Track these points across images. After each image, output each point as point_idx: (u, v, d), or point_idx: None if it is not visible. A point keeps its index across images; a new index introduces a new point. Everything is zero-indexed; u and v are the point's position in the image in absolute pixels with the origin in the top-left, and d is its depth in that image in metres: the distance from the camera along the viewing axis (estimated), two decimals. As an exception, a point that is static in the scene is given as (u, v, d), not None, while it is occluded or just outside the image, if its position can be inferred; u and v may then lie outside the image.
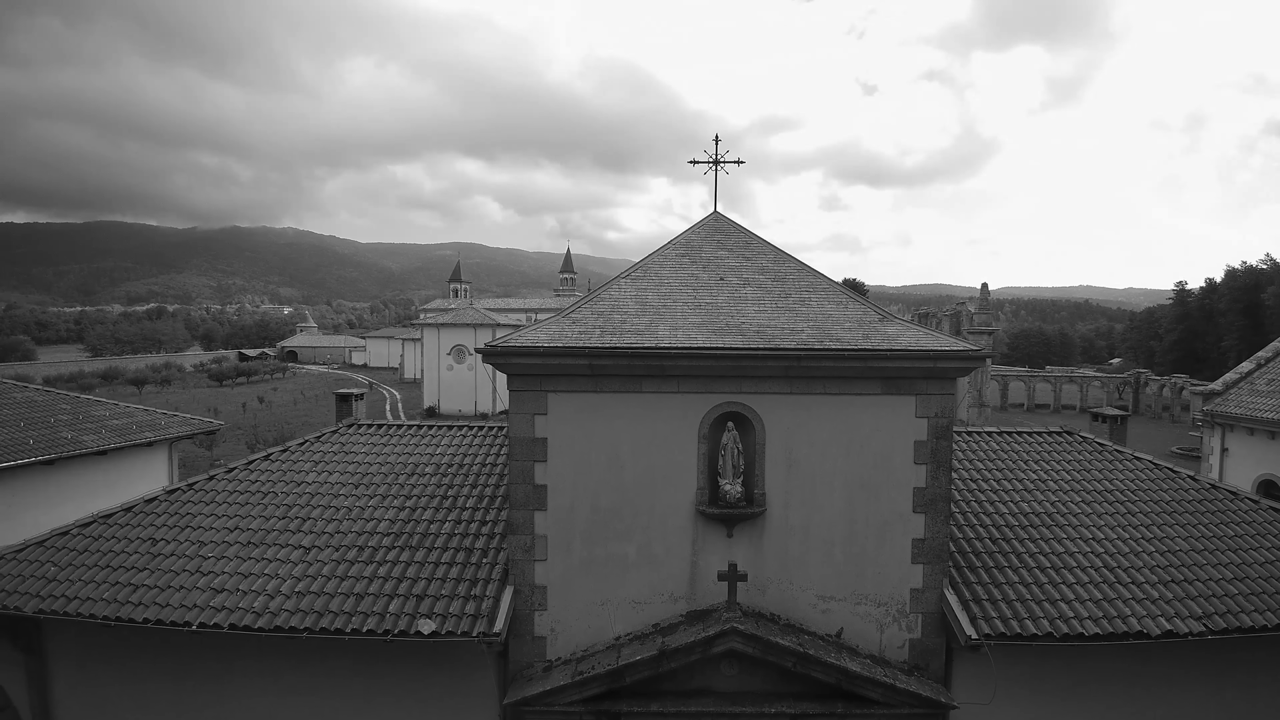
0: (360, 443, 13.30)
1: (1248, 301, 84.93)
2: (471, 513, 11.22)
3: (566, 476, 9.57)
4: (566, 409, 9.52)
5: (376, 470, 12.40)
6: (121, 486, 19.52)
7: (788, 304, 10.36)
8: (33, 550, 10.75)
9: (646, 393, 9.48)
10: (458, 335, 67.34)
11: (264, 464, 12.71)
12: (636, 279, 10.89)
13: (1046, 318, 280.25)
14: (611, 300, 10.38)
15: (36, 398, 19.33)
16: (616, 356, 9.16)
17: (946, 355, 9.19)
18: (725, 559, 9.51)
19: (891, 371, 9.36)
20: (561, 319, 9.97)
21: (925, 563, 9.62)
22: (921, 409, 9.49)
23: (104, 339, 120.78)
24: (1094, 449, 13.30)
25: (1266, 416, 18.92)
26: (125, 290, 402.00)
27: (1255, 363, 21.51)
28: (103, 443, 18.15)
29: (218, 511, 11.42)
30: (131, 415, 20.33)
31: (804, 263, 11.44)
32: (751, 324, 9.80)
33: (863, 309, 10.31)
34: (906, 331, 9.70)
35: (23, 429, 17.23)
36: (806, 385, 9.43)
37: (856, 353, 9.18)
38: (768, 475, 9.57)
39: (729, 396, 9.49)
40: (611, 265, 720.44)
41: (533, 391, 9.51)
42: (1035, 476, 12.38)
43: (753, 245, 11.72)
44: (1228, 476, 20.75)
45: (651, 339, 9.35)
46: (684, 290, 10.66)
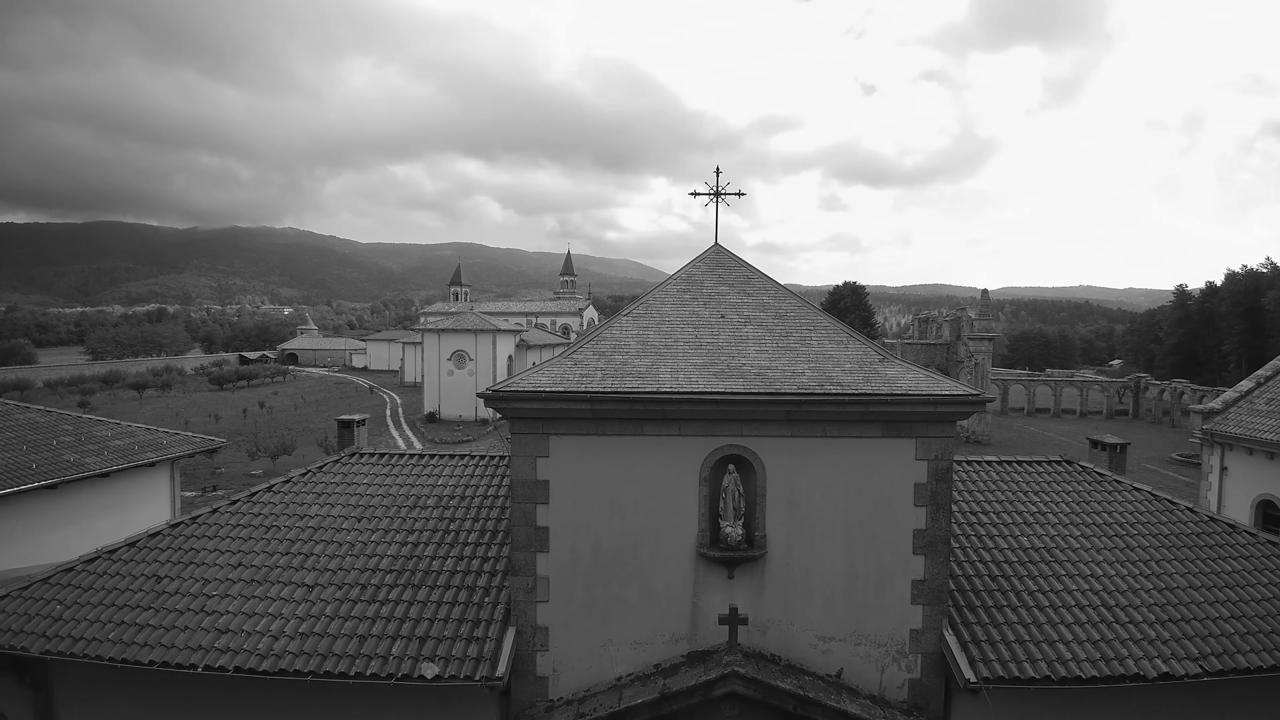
0: (362, 473, 13.36)
1: (1248, 305, 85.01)
2: (474, 549, 11.28)
3: (568, 518, 9.64)
4: (568, 451, 9.58)
5: (379, 503, 12.46)
6: (124, 507, 19.64)
7: (789, 343, 10.42)
8: (38, 588, 10.82)
9: (648, 435, 9.54)
10: (458, 341, 67.47)
11: (267, 495, 12.78)
12: (638, 316, 10.95)
13: (1046, 319, 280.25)
14: (613, 339, 10.44)
15: (38, 419, 19.38)
16: (618, 401, 9.23)
17: (946, 400, 9.25)
18: (726, 600, 9.57)
19: (891, 415, 9.42)
20: (563, 359, 10.03)
21: (925, 604, 9.69)
22: (921, 451, 9.55)
23: (104, 342, 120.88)
24: (1093, 479, 13.35)
25: (1266, 437, 18.97)
26: (125, 290, 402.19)
27: (1255, 381, 21.56)
28: (105, 464, 18.21)
29: (221, 547, 11.48)
30: (134, 435, 20.40)
31: (804, 299, 11.51)
32: (753, 366, 9.86)
33: (863, 349, 10.37)
34: (906, 374, 9.76)
35: (25, 452, 17.28)
36: (807, 428, 9.49)
37: (857, 397, 9.24)
38: (769, 517, 9.63)
39: (730, 439, 9.55)
40: (612, 265, 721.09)
41: (535, 434, 9.57)
42: (1034, 509, 12.43)
43: (754, 281, 11.78)
44: (1227, 495, 20.84)
45: (653, 383, 9.41)
46: (685, 328, 10.72)
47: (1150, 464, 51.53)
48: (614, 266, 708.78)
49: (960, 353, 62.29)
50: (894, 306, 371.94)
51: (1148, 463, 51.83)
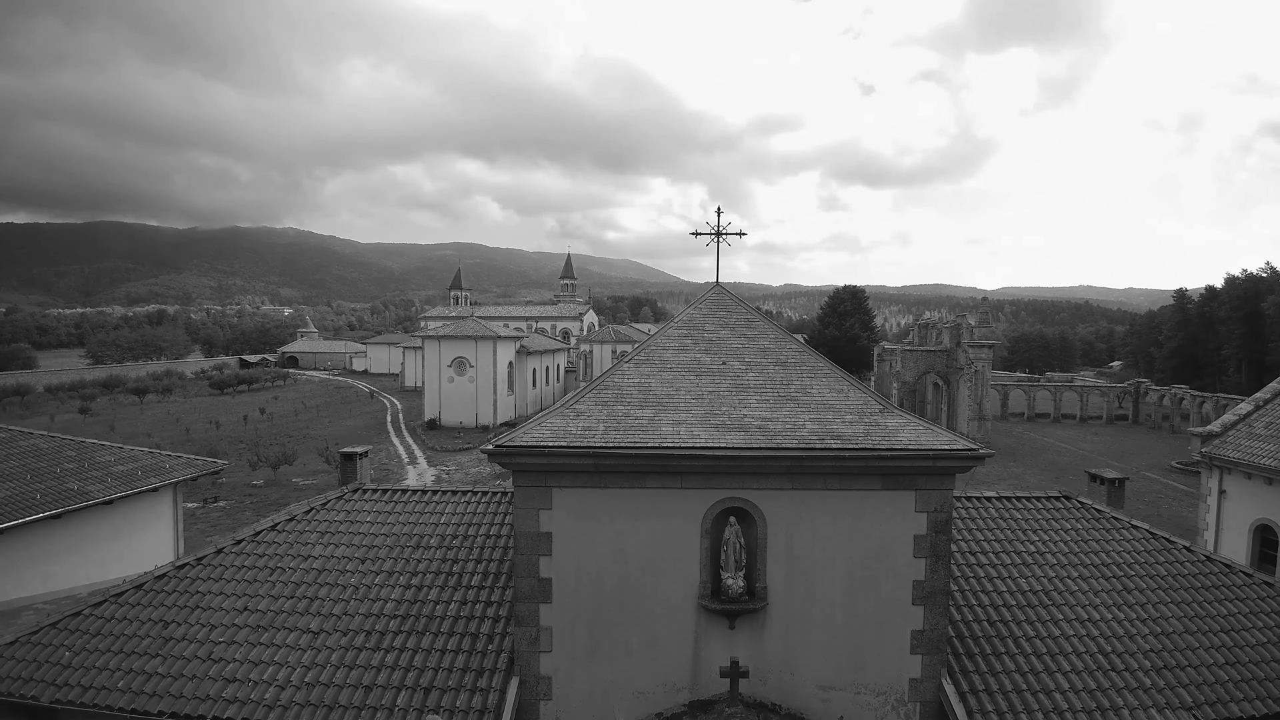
0: (366, 511, 13.45)
1: (1248, 310, 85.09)
2: (476, 592, 11.39)
3: (571, 569, 9.74)
4: (571, 504, 9.69)
5: (382, 543, 12.56)
6: (128, 532, 19.77)
7: (789, 391, 10.52)
8: (47, 633, 10.91)
9: (650, 488, 9.65)
10: (459, 347, 67.49)
11: (271, 535, 12.87)
12: (640, 363, 11.05)
13: (1046, 319, 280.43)
14: (615, 388, 10.54)
15: (42, 445, 19.48)
16: (621, 456, 9.33)
17: (945, 455, 9.36)
18: (728, 650, 9.68)
19: (891, 469, 9.53)
20: (565, 410, 10.13)
21: (924, 653, 9.80)
22: (921, 504, 9.66)
23: (105, 345, 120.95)
24: (1091, 517, 13.44)
25: (1264, 463, 19.06)
26: (126, 291, 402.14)
27: (1254, 404, 21.64)
28: (108, 491, 18.33)
29: (227, 590, 11.59)
30: (136, 459, 20.49)
31: (804, 344, 11.60)
32: (754, 417, 9.97)
33: (863, 398, 10.47)
34: (906, 425, 9.86)
35: (29, 481, 17.39)
36: (808, 481, 9.60)
37: (857, 452, 9.34)
38: (769, 568, 9.74)
39: (731, 492, 9.66)
40: (612, 265, 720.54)
41: (538, 487, 9.68)
42: (1033, 549, 12.53)
43: (754, 324, 11.87)
44: (1225, 518, 20.94)
45: (655, 437, 9.51)
46: (687, 376, 10.82)
47: (1150, 472, 51.58)
48: (614, 266, 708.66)
49: (960, 359, 62.35)
50: (894, 307, 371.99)
51: (1148, 470, 51.86)
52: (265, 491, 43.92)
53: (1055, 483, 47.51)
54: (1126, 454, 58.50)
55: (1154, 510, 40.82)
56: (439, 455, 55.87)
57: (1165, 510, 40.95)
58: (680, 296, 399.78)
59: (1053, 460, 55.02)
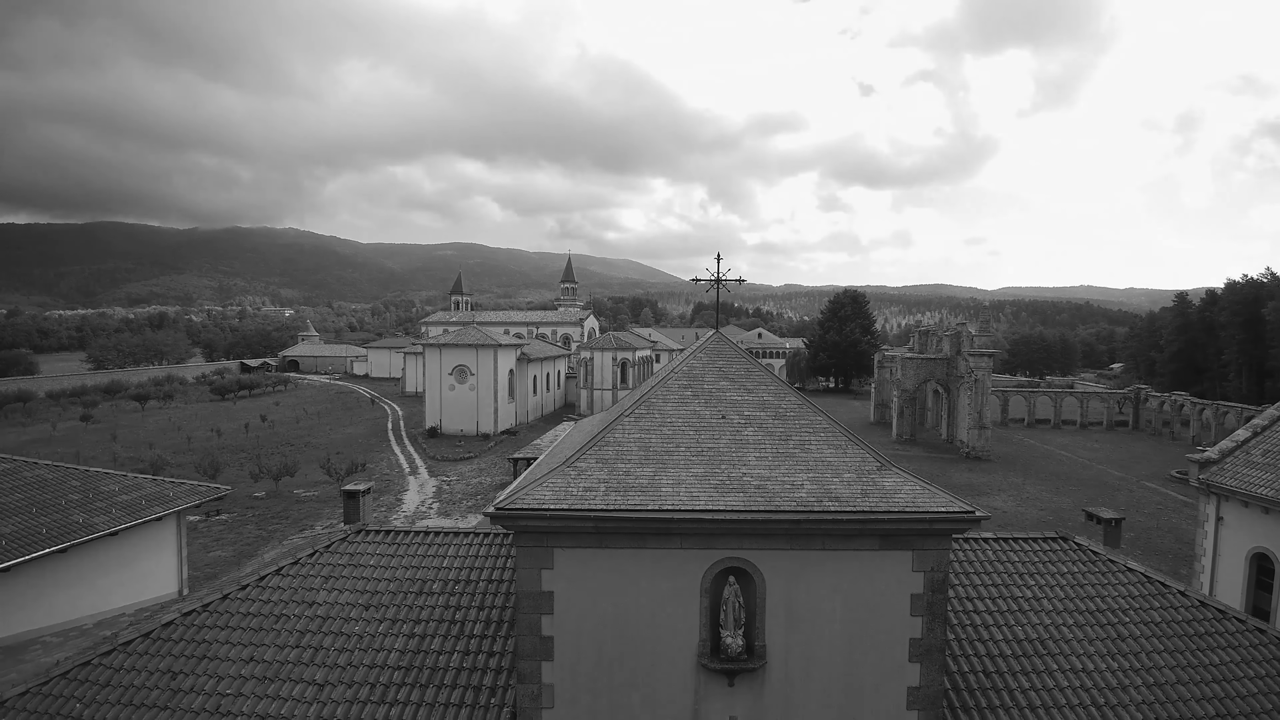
0: (369, 554, 13.58)
1: (1248, 315, 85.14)
2: (479, 641, 11.54)
3: (572, 628, 9.88)
4: (572, 563, 9.83)
5: (385, 588, 12.70)
6: (133, 561, 19.94)
7: (788, 448, 10.65)
8: (57, 684, 11.06)
9: (651, 548, 9.79)
10: (459, 355, 67.67)
11: (276, 579, 13.00)
12: (640, 417, 11.19)
13: (1047, 319, 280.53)
14: (616, 445, 10.67)
15: (47, 475, 19.63)
16: (621, 519, 9.47)
17: (942, 518, 9.49)
18: (727, 708, 9.83)
19: (889, 529, 9.67)
20: (567, 469, 10.26)
21: (920, 709, 9.94)
22: (918, 563, 9.80)
23: (106, 350, 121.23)
24: (1088, 560, 13.56)
25: (1261, 492, 19.18)
26: (127, 291, 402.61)
27: (1251, 430, 21.75)
28: (113, 523, 18.47)
29: (233, 639, 11.73)
30: (140, 488, 20.64)
31: (803, 396, 11.73)
32: (753, 476, 10.10)
33: (860, 454, 10.61)
34: (904, 485, 10.00)
35: (35, 514, 17.54)
36: (806, 542, 9.73)
37: (855, 515, 9.48)
38: (768, 627, 9.88)
39: (731, 552, 9.80)
40: (612, 265, 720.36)
41: (539, 547, 9.82)
42: (1029, 594, 12.67)
43: (753, 375, 12.00)
44: (1222, 545, 21.07)
45: (655, 499, 9.65)
46: (687, 431, 10.96)
47: (1150, 481, 51.67)
48: (614, 267, 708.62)
49: (960, 368, 62.47)
50: (894, 307, 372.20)
51: (1148, 480, 51.95)
52: (267, 504, 44.07)
53: (1055, 493, 47.64)
54: (1126, 462, 58.62)
55: (1154, 522, 40.96)
56: (440, 465, 56.02)
57: (1164, 522, 41.08)
58: (681, 297, 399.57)
59: (1053, 469, 55.12)
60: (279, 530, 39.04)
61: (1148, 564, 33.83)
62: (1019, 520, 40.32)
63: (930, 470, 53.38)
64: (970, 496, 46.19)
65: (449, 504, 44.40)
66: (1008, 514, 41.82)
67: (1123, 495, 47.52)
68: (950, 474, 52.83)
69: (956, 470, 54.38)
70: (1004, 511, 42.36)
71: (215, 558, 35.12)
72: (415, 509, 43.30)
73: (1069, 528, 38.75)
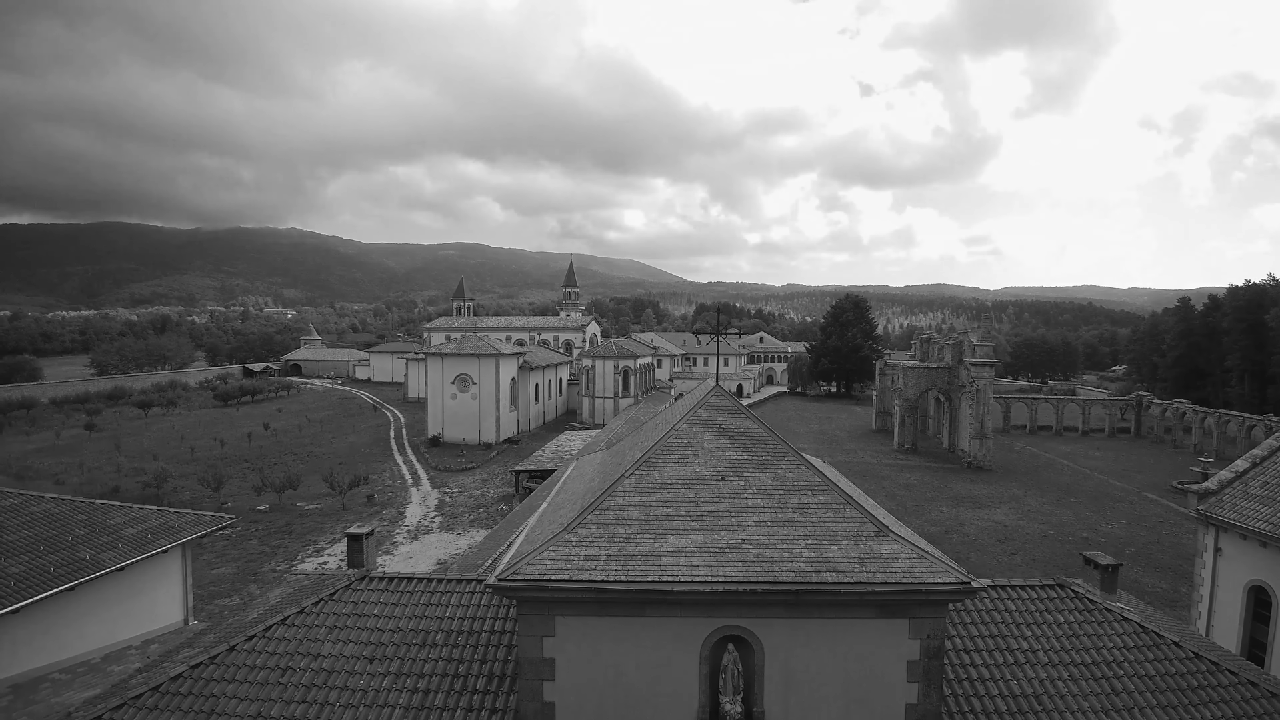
0: (373, 603, 13.72)
1: (1251, 320, 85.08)
2: (481, 697, 11.64)
3: (573, 694, 10.03)
4: (574, 630, 9.97)
5: (389, 639, 12.83)
6: (139, 594, 20.12)
7: (786, 512, 10.78)
8: (66, 743, 11.23)
9: (650, 617, 9.92)
10: (461, 364, 67.82)
11: (281, 630, 13.15)
12: (641, 479, 11.32)
13: (1050, 320, 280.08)
14: (617, 508, 10.81)
15: (53, 509, 19.80)
16: (622, 591, 9.61)
17: (938, 590, 9.62)
18: (726, 774, 9.95)
19: (886, 599, 9.79)
20: (568, 535, 10.40)
21: (917, 774, 10.06)
22: (914, 631, 9.92)
23: (109, 355, 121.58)
24: (1084, 609, 13.65)
25: (1258, 527, 19.27)
26: (130, 292, 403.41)
27: (1250, 461, 21.83)
28: (120, 558, 18.63)
29: (240, 693, 11.87)
30: (145, 519, 20.81)
31: (801, 455, 11.84)
32: (752, 543, 10.23)
33: (859, 518, 10.73)
34: (901, 553, 10.12)
35: (42, 553, 17.71)
36: (804, 611, 9.87)
37: (853, 585, 9.61)
38: (766, 693, 10.01)
39: (730, 620, 9.94)
40: (614, 265, 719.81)
41: (541, 615, 9.96)
42: (1025, 646, 12.76)
43: (753, 433, 12.13)
44: (1220, 577, 21.16)
45: (655, 569, 9.79)
46: (687, 494, 11.09)
47: (1151, 492, 51.74)
48: (616, 266, 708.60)
49: (962, 377, 62.52)
50: (896, 308, 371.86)
51: (1149, 491, 52.00)
52: (270, 518, 44.29)
53: (1056, 505, 47.62)
54: (1128, 471, 58.62)
55: (1155, 537, 40.99)
56: (442, 476, 56.19)
57: (1165, 537, 41.12)
58: (683, 297, 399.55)
59: (1054, 479, 55.15)
60: (282, 546, 39.31)
61: (1149, 582, 33.92)
62: (1019, 535, 40.41)
63: (932, 481, 53.49)
64: (971, 509, 46.29)
65: (451, 518, 44.60)
66: (1009, 528, 41.91)
67: (1123, 507, 47.59)
68: (951, 484, 52.92)
69: (958, 481, 54.44)
70: (1005, 525, 42.44)
71: (220, 575, 35.39)
72: (418, 523, 43.51)
73: (1069, 542, 38.93)
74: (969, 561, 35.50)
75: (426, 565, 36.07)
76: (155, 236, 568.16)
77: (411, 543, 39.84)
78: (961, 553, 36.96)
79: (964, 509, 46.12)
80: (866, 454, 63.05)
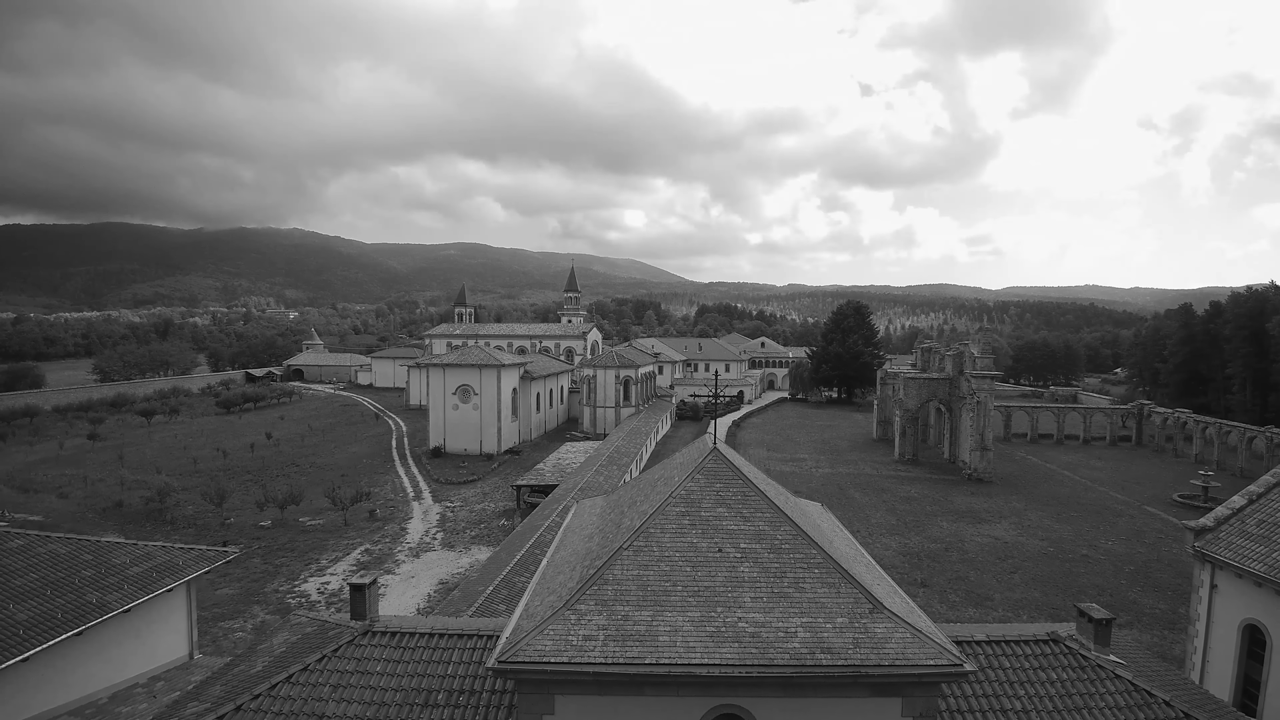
0: (376, 659, 13.90)
1: (1253, 328, 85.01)
2: (483, 763, 11.86)
3: (572, 770, 10.20)
4: (572, 709, 10.14)
5: (392, 699, 13.00)
6: (144, 632, 20.34)
7: (782, 587, 10.94)
8: (73, 810, 11.43)
9: (649, 696, 10.09)
10: (463, 375, 68.05)
11: (286, 688, 13.33)
12: (639, 550, 11.49)
13: (1052, 321, 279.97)
14: (615, 584, 10.97)
15: (60, 550, 20.00)
16: (619, 673, 9.77)
17: (931, 674, 9.78)
18: None
19: (879, 679, 9.95)
20: (567, 612, 10.57)
21: None
22: (907, 709, 10.09)
23: (112, 361, 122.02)
24: (1077, 666, 13.78)
25: (1253, 568, 19.40)
26: (132, 293, 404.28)
27: (1247, 497, 21.92)
28: (126, 600, 18.84)
29: (245, 758, 12.09)
30: (150, 557, 21.02)
31: (798, 526, 11.98)
32: (748, 621, 10.39)
33: (854, 594, 10.88)
34: (895, 632, 10.28)
35: (50, 597, 17.93)
36: (799, 690, 10.03)
37: (847, 667, 9.77)
38: (762, 770, 10.18)
39: (726, 699, 10.10)
40: (615, 265, 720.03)
41: (540, 694, 10.14)
42: (1019, 706, 12.89)
43: (750, 500, 12.28)
44: (1216, 613, 21.28)
45: (653, 650, 9.95)
46: (684, 566, 11.25)
47: (1152, 506, 51.80)
48: (617, 267, 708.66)
49: (963, 388, 62.63)
50: (898, 308, 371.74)
51: (1149, 504, 52.06)
52: (273, 534, 44.54)
53: (1056, 520, 47.66)
54: (1129, 483, 58.65)
55: (1154, 554, 41.02)
56: (443, 489, 56.38)
57: (1165, 554, 41.14)
58: (684, 298, 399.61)
59: (1055, 492, 55.20)
60: (285, 564, 39.54)
61: (1148, 603, 33.96)
62: (1019, 552, 40.50)
63: (932, 494, 53.58)
64: (971, 524, 46.38)
65: (452, 534, 44.82)
66: (1009, 544, 42.03)
67: (1124, 522, 47.68)
68: (952, 497, 53.05)
69: (958, 493, 54.55)
70: (1005, 542, 42.56)
71: (223, 595, 35.63)
72: (419, 540, 43.73)
73: (1069, 560, 39.02)
74: (968, 581, 35.66)
75: (429, 585, 36.30)
76: (158, 237, 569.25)
77: (413, 560, 40.06)
78: (961, 572, 37.11)
79: (964, 524, 46.24)
80: (867, 465, 63.18)
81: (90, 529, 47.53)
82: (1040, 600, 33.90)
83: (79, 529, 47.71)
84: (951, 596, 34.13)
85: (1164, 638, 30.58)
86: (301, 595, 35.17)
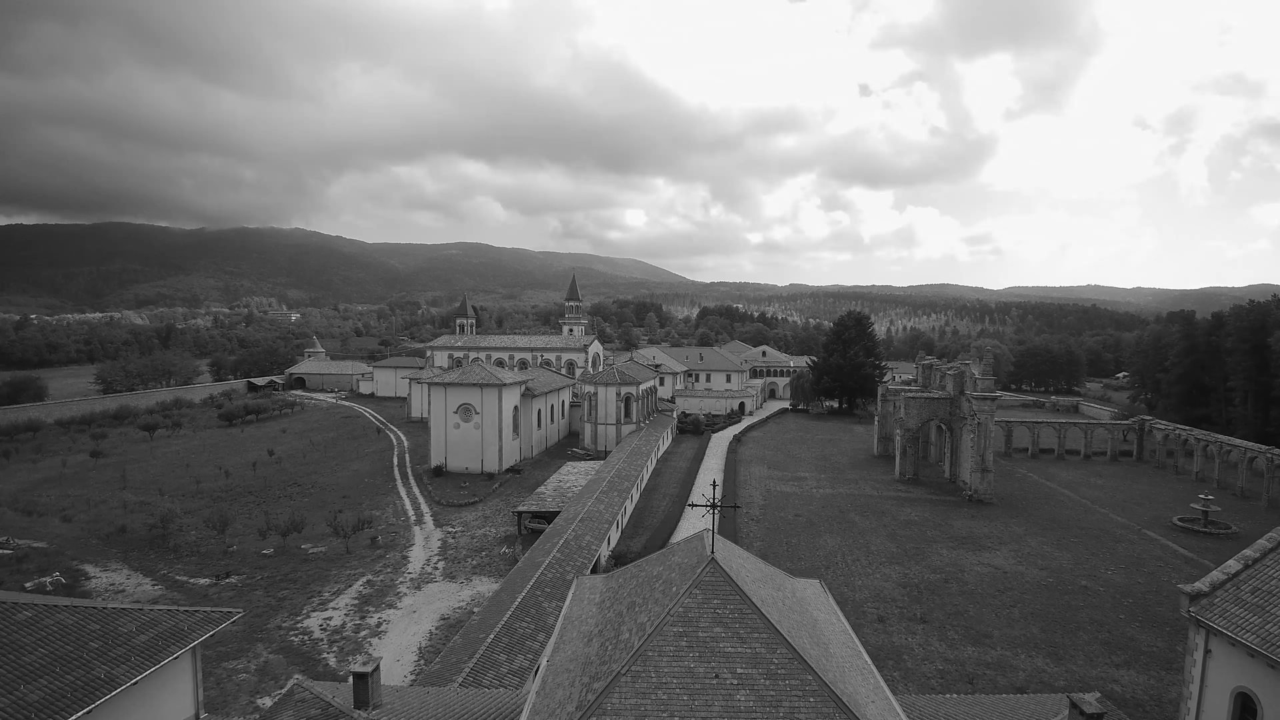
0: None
1: (1255, 341, 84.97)
2: None
3: None
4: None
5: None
6: (151, 696, 20.59)
7: (778, 716, 11.12)
8: None
9: (645, 836, 10.29)
10: (464, 394, 68.25)
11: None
12: (636, 676, 11.66)
13: (1053, 323, 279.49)
14: (614, 715, 11.16)
15: (67, 620, 20.20)
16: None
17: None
18: None
19: (871, 821, 10.14)
20: (565, 744, 10.76)
21: None
22: (899, 847, 10.27)
23: (114, 371, 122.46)
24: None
25: (1245, 639, 19.55)
26: (135, 293, 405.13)
27: (1243, 562, 22.03)
28: (133, 672, 19.06)
29: None
30: (156, 623, 21.25)
31: (793, 648, 12.13)
32: (743, 758, 10.57)
33: (847, 724, 11.06)
34: (886, 769, 10.45)
35: (59, 673, 18.16)
36: (793, 831, 10.22)
37: (838, 812, 9.96)
38: None
39: (721, 839, 10.30)
40: (616, 265, 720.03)
41: (540, 832, 10.33)
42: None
43: (747, 620, 12.44)
44: (1209, 678, 21.42)
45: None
46: (681, 695, 11.40)
47: (1151, 529, 51.83)
48: (619, 266, 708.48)
49: (964, 409, 62.72)
50: (899, 309, 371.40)
51: (1149, 528, 52.08)
52: (276, 563, 44.75)
53: (1056, 547, 47.57)
54: (1129, 503, 58.63)
55: (1153, 585, 41.00)
56: (445, 512, 56.53)
57: (1164, 585, 41.12)
58: (686, 298, 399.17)
59: (1055, 514, 55.21)
60: (288, 598, 39.76)
61: (1145, 640, 33.96)
62: (1019, 583, 40.55)
63: (933, 518, 53.63)
64: (972, 551, 46.46)
65: (454, 563, 45.02)
66: (1008, 575, 42.09)
67: (1123, 548, 47.78)
68: (952, 521, 53.10)
69: (958, 517, 54.62)
70: (1005, 572, 42.63)
71: (226, 633, 35.85)
72: (420, 570, 43.92)
73: (1068, 592, 39.09)
74: (967, 616, 35.78)
75: (430, 621, 36.51)
76: (160, 237, 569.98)
77: (415, 593, 40.27)
78: (960, 606, 37.21)
79: (964, 551, 46.34)
80: (868, 484, 63.31)
81: (94, 556, 47.85)
82: (1039, 638, 33.98)
83: (82, 556, 48.03)
84: (950, 634, 34.25)
85: (1160, 679, 30.69)
86: (304, 632, 35.39)
